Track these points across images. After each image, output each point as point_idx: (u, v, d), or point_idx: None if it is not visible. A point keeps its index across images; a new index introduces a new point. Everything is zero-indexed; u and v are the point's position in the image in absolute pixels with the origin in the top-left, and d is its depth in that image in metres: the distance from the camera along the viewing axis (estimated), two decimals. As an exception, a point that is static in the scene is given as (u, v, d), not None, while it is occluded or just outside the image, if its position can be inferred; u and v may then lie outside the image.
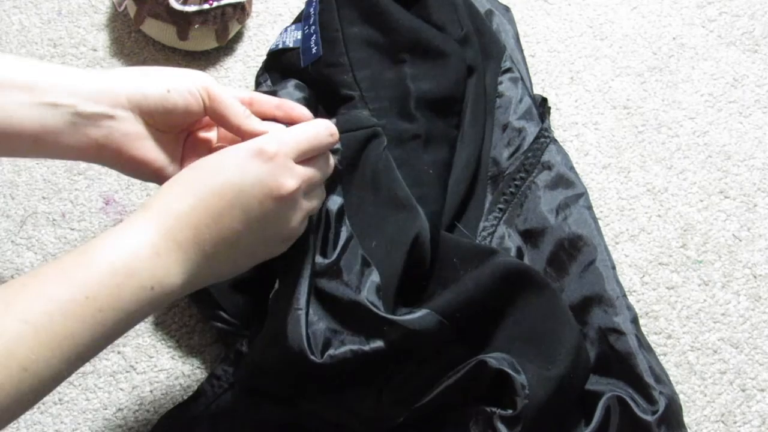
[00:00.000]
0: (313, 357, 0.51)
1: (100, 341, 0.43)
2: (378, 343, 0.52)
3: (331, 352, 0.52)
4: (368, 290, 0.53)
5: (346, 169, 0.58)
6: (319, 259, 0.54)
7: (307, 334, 0.51)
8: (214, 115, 0.54)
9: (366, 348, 0.52)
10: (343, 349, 0.52)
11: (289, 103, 0.56)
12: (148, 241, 0.45)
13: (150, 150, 0.52)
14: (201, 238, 0.46)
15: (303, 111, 0.56)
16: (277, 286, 0.54)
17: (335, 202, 0.56)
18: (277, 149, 0.48)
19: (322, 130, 0.52)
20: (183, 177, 0.48)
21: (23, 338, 0.40)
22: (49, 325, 0.41)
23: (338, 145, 0.57)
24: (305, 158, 0.51)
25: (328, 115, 0.63)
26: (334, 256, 0.54)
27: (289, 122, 0.55)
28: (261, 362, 0.54)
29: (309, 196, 0.52)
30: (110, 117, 0.51)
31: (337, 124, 0.59)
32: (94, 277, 0.43)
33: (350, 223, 0.56)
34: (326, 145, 0.52)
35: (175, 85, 0.52)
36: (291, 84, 0.63)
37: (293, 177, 0.49)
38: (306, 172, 0.50)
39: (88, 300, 0.42)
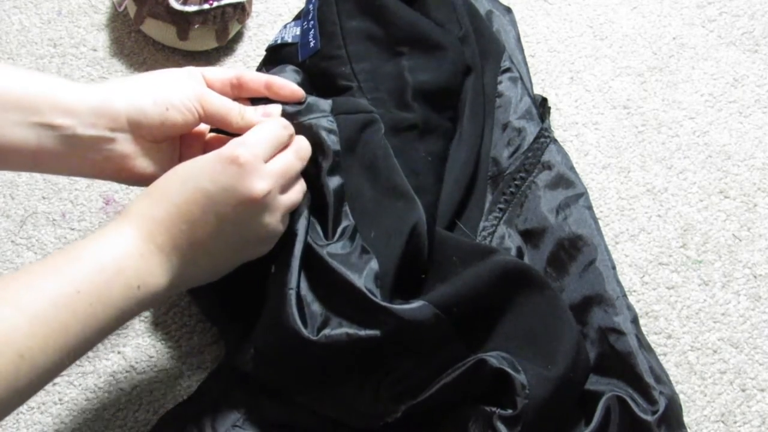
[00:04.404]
0: (306, 333, 0.51)
1: (92, 335, 0.45)
2: (373, 331, 0.52)
3: (326, 331, 0.52)
4: (366, 277, 0.53)
5: (343, 150, 0.58)
6: (321, 241, 0.55)
7: (300, 310, 0.52)
8: (210, 123, 0.55)
9: (361, 333, 0.52)
10: (339, 330, 0.52)
11: (278, 81, 0.57)
12: (131, 243, 0.46)
13: (149, 165, 0.53)
14: (178, 243, 0.48)
15: (293, 88, 0.57)
16: (273, 270, 0.55)
17: (335, 182, 0.56)
18: (246, 152, 0.49)
19: (279, 126, 0.53)
20: (160, 183, 0.50)
21: (18, 326, 0.41)
22: (42, 316, 0.42)
23: (334, 126, 0.57)
24: (273, 155, 0.52)
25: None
26: (335, 239, 0.55)
27: (279, 101, 0.56)
28: (260, 348, 0.54)
29: (287, 192, 0.53)
30: (109, 140, 0.51)
31: (335, 106, 0.59)
32: (83, 273, 0.44)
33: (349, 210, 0.57)
34: (286, 138, 0.54)
35: (172, 101, 0.52)
36: (289, 68, 0.63)
37: (264, 179, 0.50)
38: (278, 169, 0.51)
39: (80, 294, 0.43)
